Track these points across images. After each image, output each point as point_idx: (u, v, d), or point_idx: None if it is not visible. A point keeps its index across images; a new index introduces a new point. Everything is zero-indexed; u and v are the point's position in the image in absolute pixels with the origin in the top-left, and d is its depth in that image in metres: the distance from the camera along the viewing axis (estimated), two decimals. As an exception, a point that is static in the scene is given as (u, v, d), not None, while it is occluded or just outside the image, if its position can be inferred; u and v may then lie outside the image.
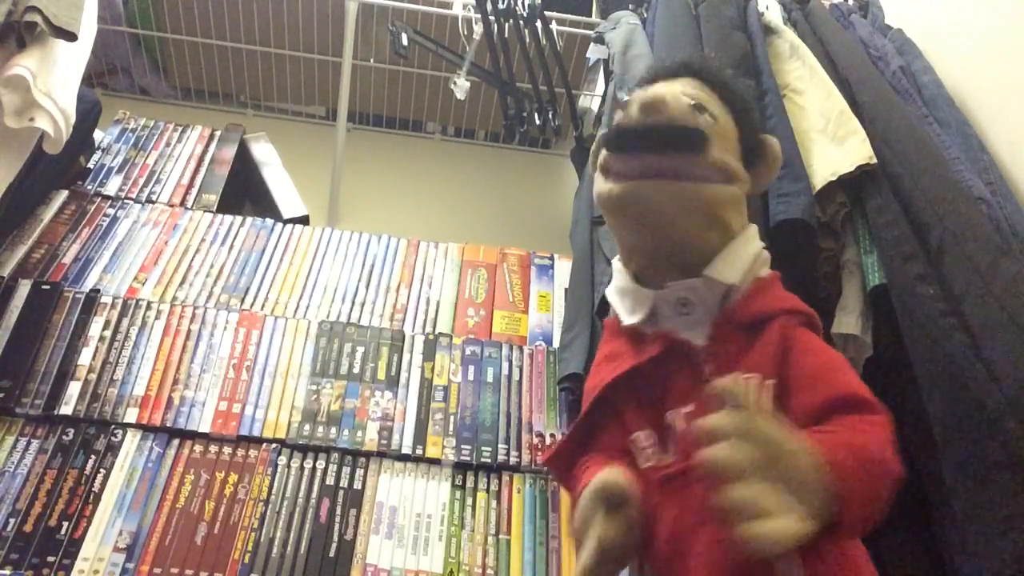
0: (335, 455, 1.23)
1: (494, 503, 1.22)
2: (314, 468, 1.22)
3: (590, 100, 2.28)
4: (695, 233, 0.73)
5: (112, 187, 1.56)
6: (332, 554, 1.14)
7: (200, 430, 1.22)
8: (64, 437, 1.19)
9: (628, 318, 0.77)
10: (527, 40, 1.75)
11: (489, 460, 1.25)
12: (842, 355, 0.73)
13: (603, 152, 0.78)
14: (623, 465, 0.72)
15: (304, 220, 1.66)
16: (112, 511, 1.13)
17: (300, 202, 1.73)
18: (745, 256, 0.74)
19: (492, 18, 1.70)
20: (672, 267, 0.74)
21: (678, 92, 0.76)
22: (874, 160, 1.12)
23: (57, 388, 1.23)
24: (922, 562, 0.98)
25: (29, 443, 1.18)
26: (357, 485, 1.21)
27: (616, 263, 0.81)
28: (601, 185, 0.77)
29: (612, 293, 0.81)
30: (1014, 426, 0.86)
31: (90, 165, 1.60)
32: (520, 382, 1.35)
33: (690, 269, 0.73)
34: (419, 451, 1.25)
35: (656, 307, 0.75)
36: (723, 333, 0.72)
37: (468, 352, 1.38)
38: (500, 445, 1.27)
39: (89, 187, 1.55)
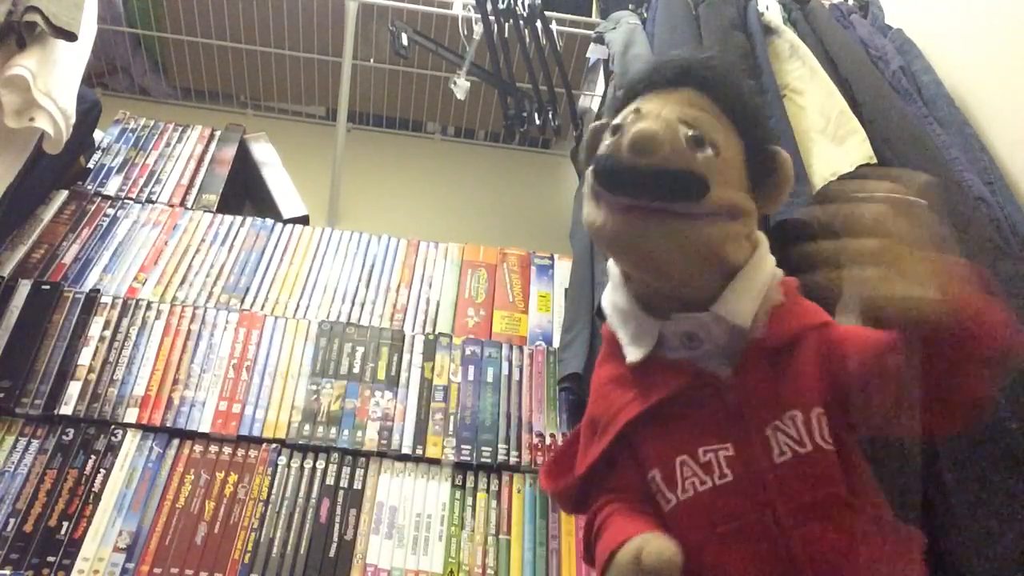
0: (335, 455, 1.23)
1: (494, 503, 1.22)
2: (314, 468, 1.22)
3: (590, 100, 2.28)
4: (693, 273, 0.69)
5: (112, 187, 1.57)
6: (332, 554, 1.14)
7: (200, 430, 1.22)
8: (64, 437, 1.19)
9: (634, 351, 0.73)
10: (527, 40, 1.75)
11: (489, 460, 1.25)
12: None
13: (593, 181, 0.71)
14: (655, 524, 0.68)
15: (304, 220, 1.66)
16: (112, 511, 1.13)
17: (300, 202, 1.73)
18: (755, 290, 0.70)
19: (492, 18, 1.70)
20: (674, 299, 0.71)
21: (674, 120, 0.68)
22: (874, 160, 1.11)
23: (57, 388, 1.23)
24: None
25: (29, 443, 1.18)
26: (357, 485, 1.21)
27: (612, 267, 0.78)
28: (591, 211, 0.71)
29: (610, 309, 0.77)
30: (1014, 426, 0.86)
31: (90, 165, 1.60)
32: (520, 382, 1.35)
33: (693, 303, 0.70)
34: (419, 451, 1.25)
35: (663, 338, 0.71)
36: (748, 363, 0.69)
37: (468, 352, 1.38)
38: (500, 445, 1.27)
39: (89, 187, 1.55)
